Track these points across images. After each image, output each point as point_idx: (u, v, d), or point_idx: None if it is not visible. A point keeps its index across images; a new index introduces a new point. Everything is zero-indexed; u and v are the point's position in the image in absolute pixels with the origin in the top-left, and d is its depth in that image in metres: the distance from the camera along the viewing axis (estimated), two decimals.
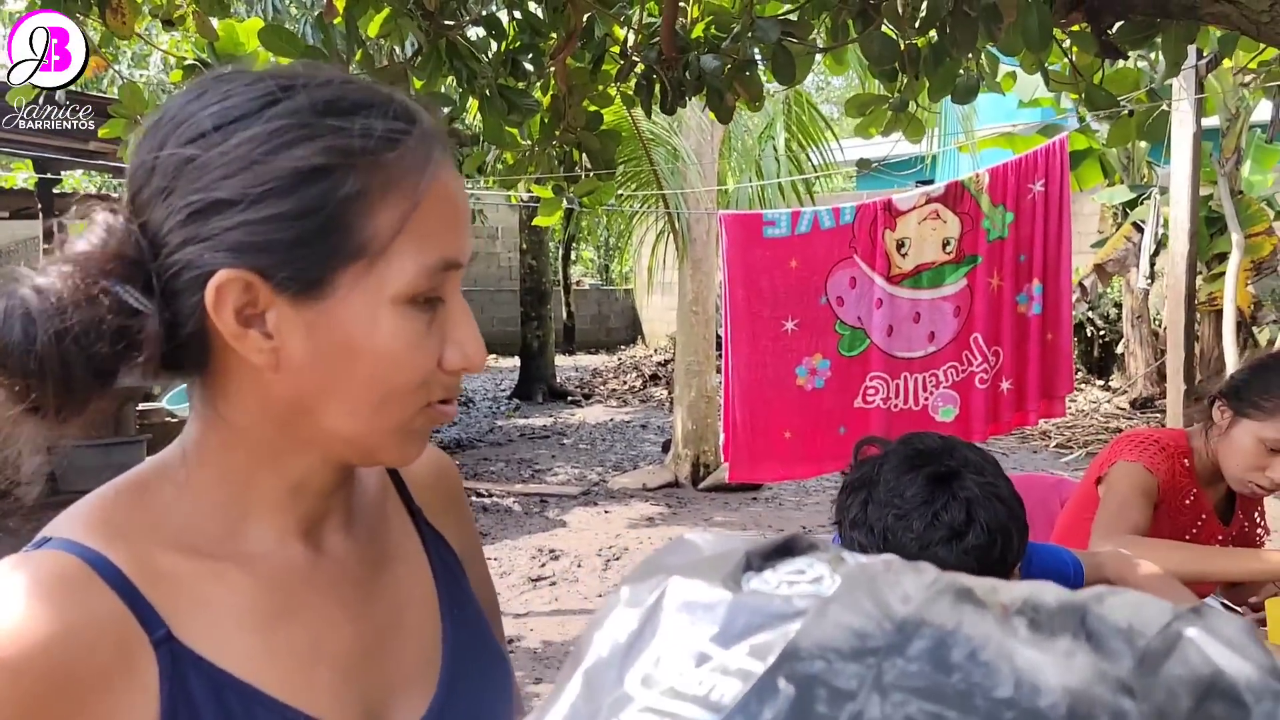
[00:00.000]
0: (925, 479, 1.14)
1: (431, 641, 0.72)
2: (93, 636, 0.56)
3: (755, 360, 4.35)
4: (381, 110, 0.61)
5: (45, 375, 0.57)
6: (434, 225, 0.62)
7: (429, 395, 0.64)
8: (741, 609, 0.34)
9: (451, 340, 0.63)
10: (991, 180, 4.46)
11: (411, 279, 0.61)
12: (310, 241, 0.59)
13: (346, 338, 0.60)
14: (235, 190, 0.59)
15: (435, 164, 0.62)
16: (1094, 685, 0.28)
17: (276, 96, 0.60)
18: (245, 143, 0.59)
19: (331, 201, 0.59)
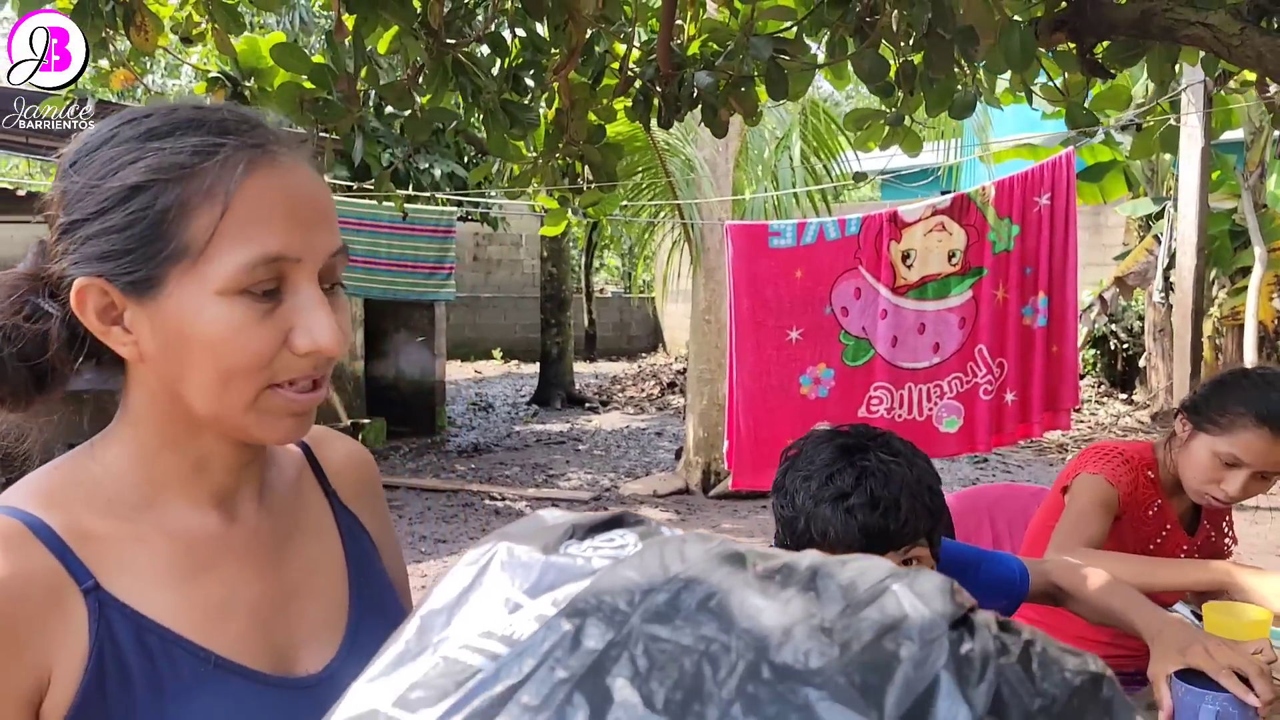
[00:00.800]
0: (835, 448, 1.25)
1: (339, 602, 0.82)
2: (29, 583, 0.66)
3: (759, 369, 4.41)
4: (198, 128, 0.70)
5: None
6: (252, 224, 0.69)
7: (274, 376, 0.71)
8: (550, 568, 0.42)
9: (300, 326, 0.70)
10: (998, 193, 4.50)
11: (231, 273, 0.68)
12: (139, 247, 0.69)
13: (179, 328, 0.69)
14: (84, 211, 0.70)
15: (248, 171, 0.70)
16: (797, 624, 0.35)
17: (117, 130, 0.71)
18: (91, 170, 0.70)
19: (153, 211, 0.68)
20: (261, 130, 0.73)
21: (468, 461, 8.26)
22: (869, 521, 1.19)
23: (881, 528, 1.19)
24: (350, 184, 7.56)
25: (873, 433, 1.29)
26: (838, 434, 1.29)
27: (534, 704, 0.35)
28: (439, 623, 0.41)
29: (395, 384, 9.72)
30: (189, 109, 0.73)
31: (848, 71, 3.08)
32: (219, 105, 0.75)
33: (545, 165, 2.98)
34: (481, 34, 2.57)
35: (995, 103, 3.09)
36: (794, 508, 1.24)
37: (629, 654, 0.35)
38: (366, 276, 6.99)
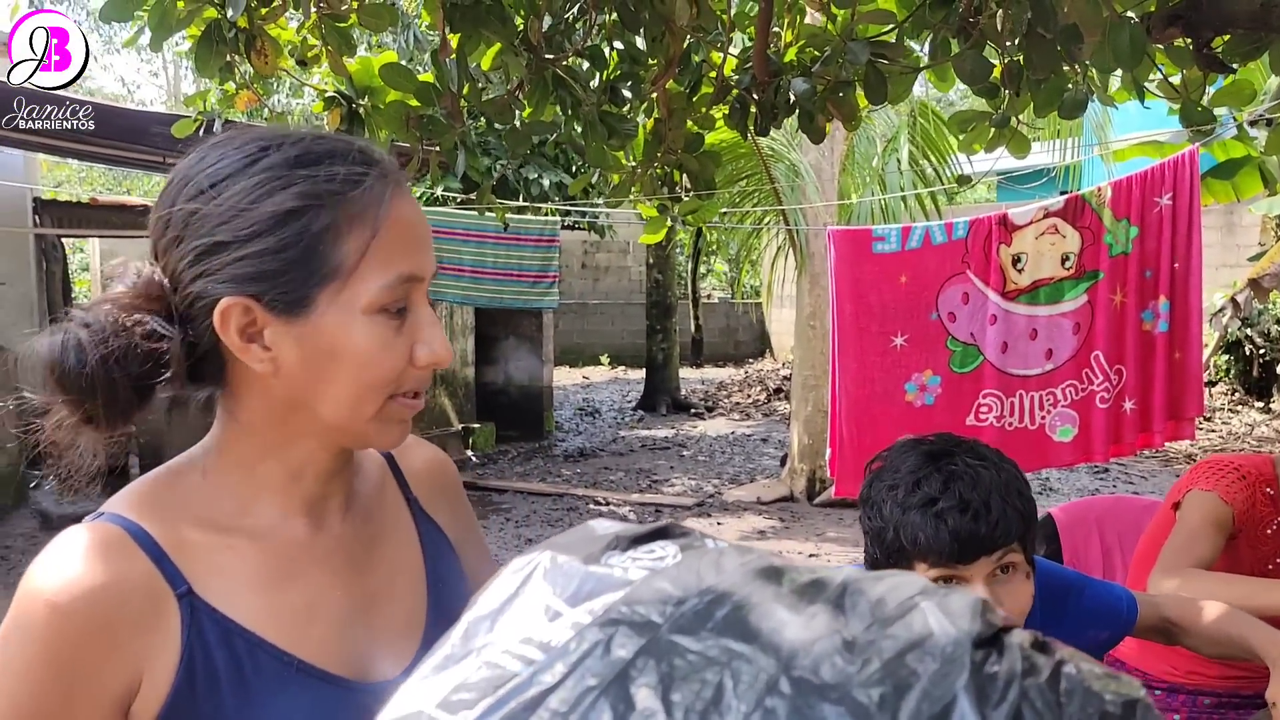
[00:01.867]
0: (920, 455, 1.22)
1: (417, 608, 0.84)
2: (128, 589, 0.71)
3: (863, 376, 4.34)
4: (344, 158, 0.75)
5: (95, 392, 0.72)
6: (393, 248, 0.74)
7: (400, 387, 0.76)
8: (590, 578, 0.43)
9: (420, 341, 0.76)
10: (1114, 194, 4.32)
11: (377, 293, 0.73)
12: (292, 269, 0.73)
13: (329, 344, 0.74)
14: (230, 234, 0.73)
15: (391, 198, 0.75)
16: (820, 639, 0.36)
17: (257, 156, 0.74)
18: (235, 195, 0.73)
19: (306, 235, 0.73)
20: (390, 161, 0.78)
21: (574, 466, 8.37)
22: (959, 526, 1.16)
23: (972, 531, 1.16)
24: (460, 195, 7.77)
25: (957, 439, 1.26)
26: (922, 442, 1.26)
27: (562, 709, 0.36)
28: (483, 628, 0.43)
29: (505, 389, 9.92)
30: (329, 139, 0.77)
31: (950, 73, 3.02)
32: (350, 138, 0.79)
33: (644, 174, 3.01)
34: (580, 48, 2.61)
35: (1109, 101, 2.98)
36: (881, 518, 1.22)
37: (655, 664, 0.36)
38: (473, 285, 7.17)
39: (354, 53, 2.85)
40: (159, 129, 5.59)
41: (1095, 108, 7.09)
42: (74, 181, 17.02)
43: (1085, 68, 2.50)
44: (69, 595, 0.68)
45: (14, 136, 6.23)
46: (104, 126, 4.94)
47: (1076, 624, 1.38)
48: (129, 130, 6.17)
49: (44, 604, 0.68)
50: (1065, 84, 2.55)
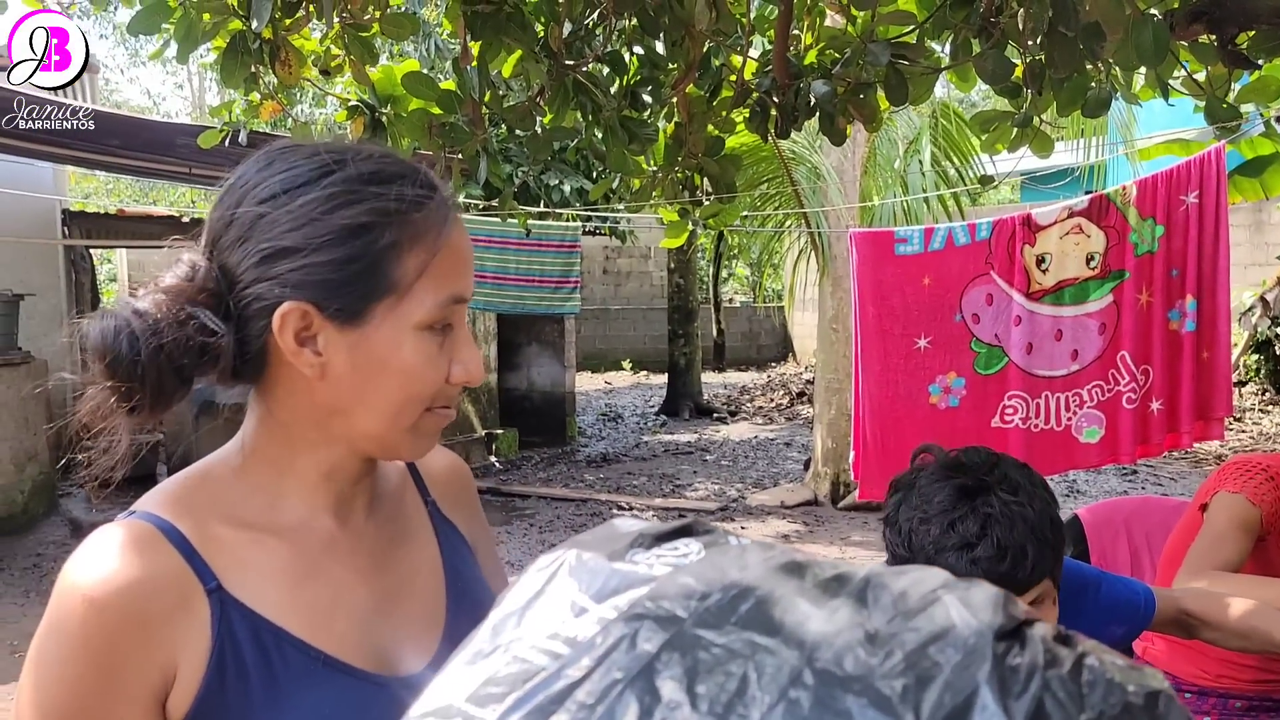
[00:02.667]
0: (954, 489, 1.19)
1: (437, 606, 0.86)
2: (160, 584, 0.72)
3: (886, 378, 4.33)
4: (411, 180, 0.78)
5: (144, 380, 0.74)
6: (447, 269, 0.78)
7: (433, 402, 0.80)
8: (615, 574, 0.44)
9: (457, 360, 0.79)
10: (1139, 192, 4.29)
11: (429, 311, 0.77)
12: (354, 281, 0.76)
13: (380, 356, 0.77)
14: (298, 240, 0.75)
15: (450, 222, 0.80)
16: (843, 631, 0.36)
17: (330, 168, 0.77)
18: (307, 204, 0.76)
19: (372, 251, 0.76)
20: (448, 189, 0.82)
21: (597, 471, 8.38)
22: (995, 570, 1.15)
23: (1009, 576, 1.16)
24: (482, 202, 7.81)
25: (989, 464, 1.23)
26: (953, 470, 1.23)
27: (589, 702, 0.37)
28: (510, 624, 0.44)
29: (527, 395, 9.96)
30: (398, 161, 0.80)
31: (972, 74, 3.01)
32: (416, 163, 0.82)
33: (665, 179, 3.02)
34: (601, 54, 2.63)
35: (1133, 100, 2.96)
36: (910, 549, 1.20)
37: (680, 657, 0.37)
38: (496, 292, 7.20)
39: (376, 62, 2.88)
40: (185, 140, 5.65)
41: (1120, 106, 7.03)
42: (101, 193, 17.25)
43: (1108, 66, 2.49)
44: (104, 590, 0.70)
45: (45, 150, 6.33)
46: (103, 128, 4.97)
47: (1095, 620, 1.38)
48: (155, 142, 6.25)
49: (80, 599, 0.70)
50: (1088, 82, 2.54)
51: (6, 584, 5.36)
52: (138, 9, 2.43)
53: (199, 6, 2.39)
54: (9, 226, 7.63)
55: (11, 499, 6.53)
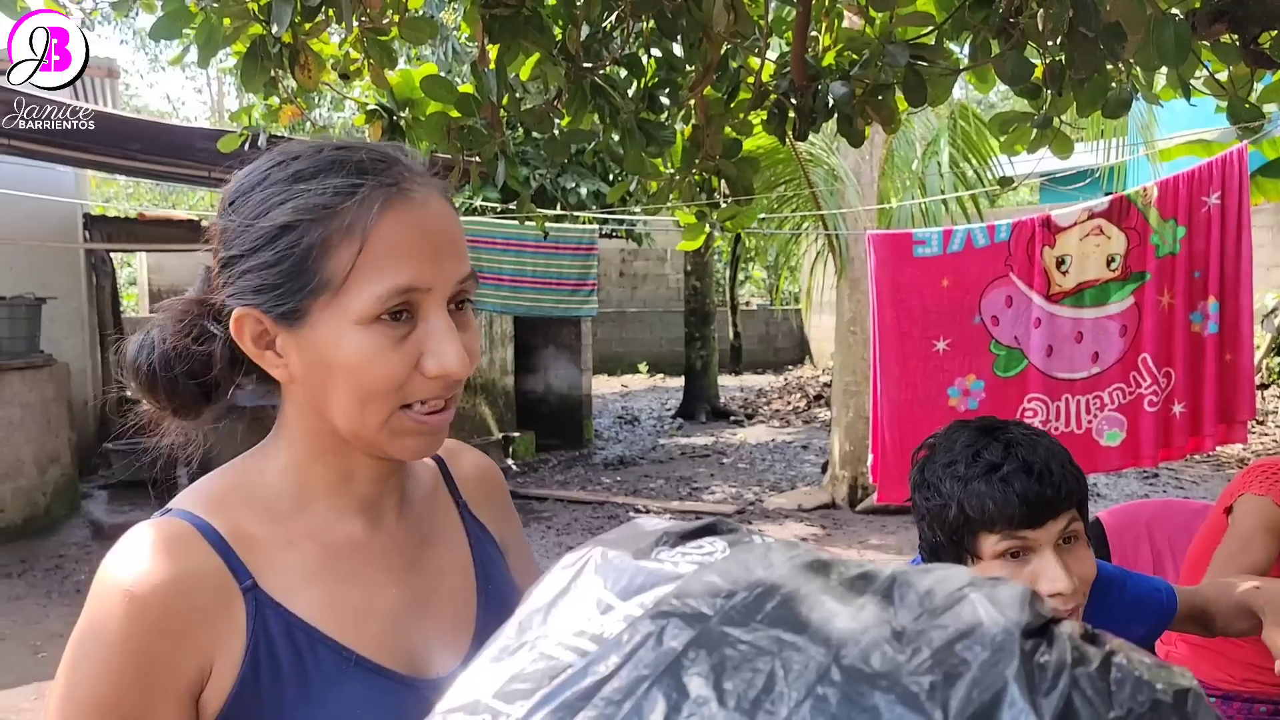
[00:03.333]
0: (971, 431, 1.23)
1: (467, 606, 0.86)
2: (199, 581, 0.73)
3: (905, 381, 4.31)
4: (339, 170, 0.76)
5: (158, 386, 0.81)
6: (382, 259, 0.74)
7: (406, 397, 0.76)
8: (641, 572, 0.44)
9: (430, 351, 0.75)
10: (1161, 193, 4.26)
11: (367, 304, 0.74)
12: (287, 282, 0.75)
13: (323, 355, 0.76)
14: (241, 248, 0.77)
15: (383, 209, 0.75)
16: (870, 629, 0.36)
17: (268, 173, 0.78)
18: (248, 209, 0.77)
19: (299, 249, 0.75)
20: (397, 168, 0.78)
21: (614, 474, 8.38)
22: (1027, 489, 1.16)
23: (1039, 494, 1.16)
24: (499, 205, 7.83)
25: (1005, 422, 1.27)
26: (969, 421, 1.27)
27: (616, 698, 0.37)
28: (537, 621, 0.44)
29: (544, 398, 9.97)
30: (332, 151, 0.78)
31: (991, 75, 3.00)
32: (360, 145, 0.80)
33: (682, 181, 3.02)
34: (618, 56, 2.63)
35: (1154, 100, 2.94)
36: (940, 495, 1.21)
37: (706, 654, 0.37)
38: (513, 294, 7.22)
39: (395, 65, 2.89)
40: (204, 144, 5.70)
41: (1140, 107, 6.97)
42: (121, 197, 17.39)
43: (1129, 66, 2.47)
44: (144, 586, 0.71)
45: (66, 155, 6.39)
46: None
47: (1118, 618, 1.37)
48: (175, 146, 6.30)
49: (120, 594, 0.71)
50: (1109, 83, 2.52)
51: (29, 586, 5.41)
52: (159, 15, 2.45)
53: (219, 11, 2.41)
54: (32, 230, 7.71)
55: (34, 501, 6.59)
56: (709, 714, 0.35)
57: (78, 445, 7.48)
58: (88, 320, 9.03)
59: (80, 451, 7.66)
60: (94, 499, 7.47)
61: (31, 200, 6.55)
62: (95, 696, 0.70)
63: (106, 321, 9.77)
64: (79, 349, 8.62)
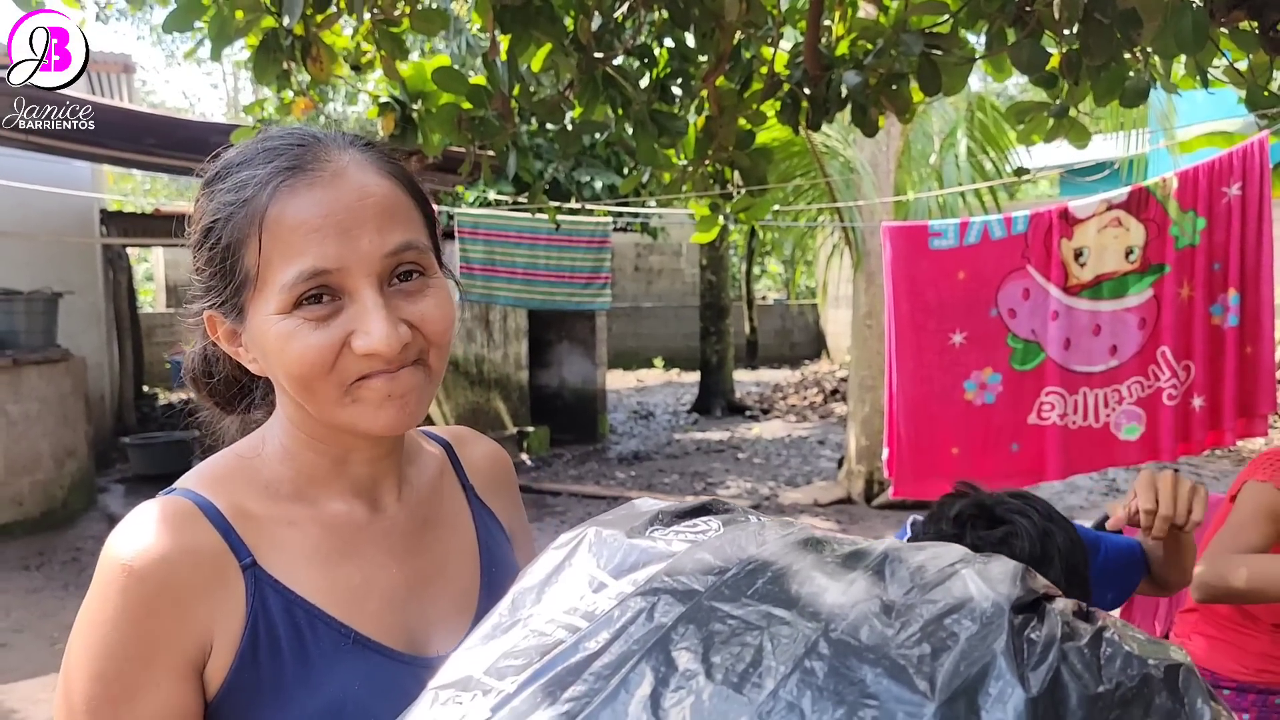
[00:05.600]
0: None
1: (471, 588, 0.87)
2: (198, 557, 0.74)
3: (920, 374, 4.29)
4: (247, 163, 0.77)
5: (200, 387, 0.89)
6: (282, 248, 0.74)
7: (344, 376, 0.75)
8: (634, 550, 0.44)
9: (358, 330, 0.74)
10: (1180, 184, 4.22)
11: (277, 295, 0.74)
12: (220, 282, 0.78)
13: (260, 346, 0.78)
14: (191, 253, 0.81)
15: (273, 198, 0.74)
16: (859, 603, 0.36)
17: (203, 177, 0.80)
18: (193, 218, 0.80)
19: (219, 249, 0.77)
20: (300, 150, 0.76)
21: (628, 469, 8.39)
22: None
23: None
24: (512, 198, 7.83)
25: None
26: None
27: (606, 673, 0.37)
28: (530, 599, 0.44)
29: (559, 392, 9.98)
30: (249, 145, 0.79)
31: (1007, 64, 2.97)
32: (281, 132, 0.79)
33: (695, 172, 3.01)
34: (630, 47, 2.63)
35: (1172, 88, 2.91)
36: None
37: (695, 628, 0.37)
38: (526, 288, 7.23)
39: (407, 57, 2.89)
40: (219, 139, 5.72)
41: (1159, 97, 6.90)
42: (138, 192, 17.51)
43: (1147, 54, 2.45)
44: (145, 560, 0.72)
45: (86, 151, 6.44)
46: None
47: (1097, 583, 1.39)
48: (190, 140, 6.33)
49: (121, 569, 0.72)
50: (1126, 71, 2.50)
51: (47, 578, 5.46)
52: (172, 7, 2.46)
53: (231, 4, 2.42)
54: (49, 225, 7.77)
55: (52, 494, 6.65)
56: (697, 687, 0.34)
57: (94, 439, 7.55)
58: (104, 315, 9.11)
59: (96, 445, 7.72)
60: (110, 493, 7.53)
61: (49, 196, 6.60)
62: (98, 668, 0.71)
63: (123, 316, 9.86)
64: (96, 343, 8.69)
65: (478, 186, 8.27)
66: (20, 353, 6.49)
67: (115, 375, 9.58)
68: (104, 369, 8.89)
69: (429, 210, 0.82)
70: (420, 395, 0.78)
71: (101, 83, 9.32)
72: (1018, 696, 0.31)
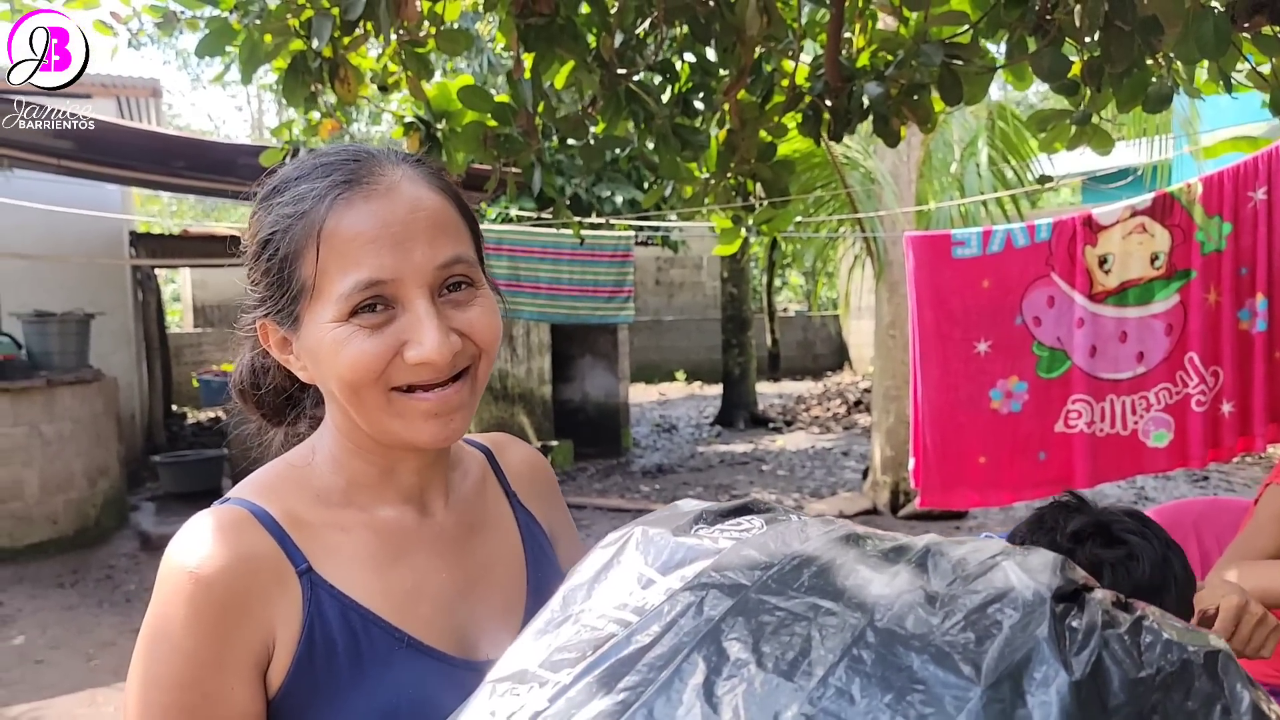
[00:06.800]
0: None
1: (517, 592, 0.89)
2: (258, 563, 0.77)
3: (945, 383, 4.28)
4: (305, 177, 0.80)
5: (248, 400, 0.92)
6: (340, 258, 0.77)
7: (391, 382, 0.78)
8: (680, 547, 0.45)
9: (411, 339, 0.77)
10: (1205, 190, 4.20)
11: (334, 304, 0.77)
12: (276, 292, 0.81)
13: (314, 354, 0.81)
14: (249, 263, 0.84)
15: (331, 210, 0.77)
16: (904, 593, 0.37)
17: (258, 192, 0.83)
18: (249, 228, 0.84)
19: (277, 260, 0.80)
20: (355, 165, 0.80)
21: (652, 482, 8.39)
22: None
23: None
24: (535, 214, 7.88)
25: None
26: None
27: (659, 664, 0.38)
28: (580, 595, 0.45)
29: (582, 406, 10.00)
30: (308, 159, 0.82)
31: (1028, 72, 2.97)
32: (334, 149, 0.83)
33: (717, 185, 3.03)
34: (652, 62, 2.65)
35: (1195, 94, 2.90)
36: None
37: (744, 620, 0.38)
38: (550, 302, 7.27)
39: (432, 77, 2.93)
40: (246, 160, 5.81)
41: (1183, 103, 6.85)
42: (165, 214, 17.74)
43: (1168, 60, 2.45)
44: (210, 568, 0.74)
45: (117, 174, 6.54)
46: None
47: None
48: (218, 163, 6.43)
49: (188, 577, 0.74)
50: (1148, 78, 2.49)
51: (81, 595, 5.52)
52: (204, 32, 2.51)
53: (262, 28, 2.46)
54: (81, 248, 7.89)
55: (85, 513, 6.73)
56: (749, 675, 0.36)
57: (125, 458, 7.63)
58: (134, 335, 9.22)
59: (128, 464, 7.81)
60: (141, 511, 7.61)
61: (80, 219, 6.71)
62: (175, 677, 0.73)
63: (152, 336, 9.98)
64: (126, 363, 8.80)
65: (500, 203, 8.33)
66: (54, 373, 6.59)
67: (145, 395, 9.69)
68: (134, 389, 9.00)
69: (475, 225, 0.85)
70: (464, 412, 0.81)
71: (130, 107, 9.47)
72: (1062, 680, 0.32)
